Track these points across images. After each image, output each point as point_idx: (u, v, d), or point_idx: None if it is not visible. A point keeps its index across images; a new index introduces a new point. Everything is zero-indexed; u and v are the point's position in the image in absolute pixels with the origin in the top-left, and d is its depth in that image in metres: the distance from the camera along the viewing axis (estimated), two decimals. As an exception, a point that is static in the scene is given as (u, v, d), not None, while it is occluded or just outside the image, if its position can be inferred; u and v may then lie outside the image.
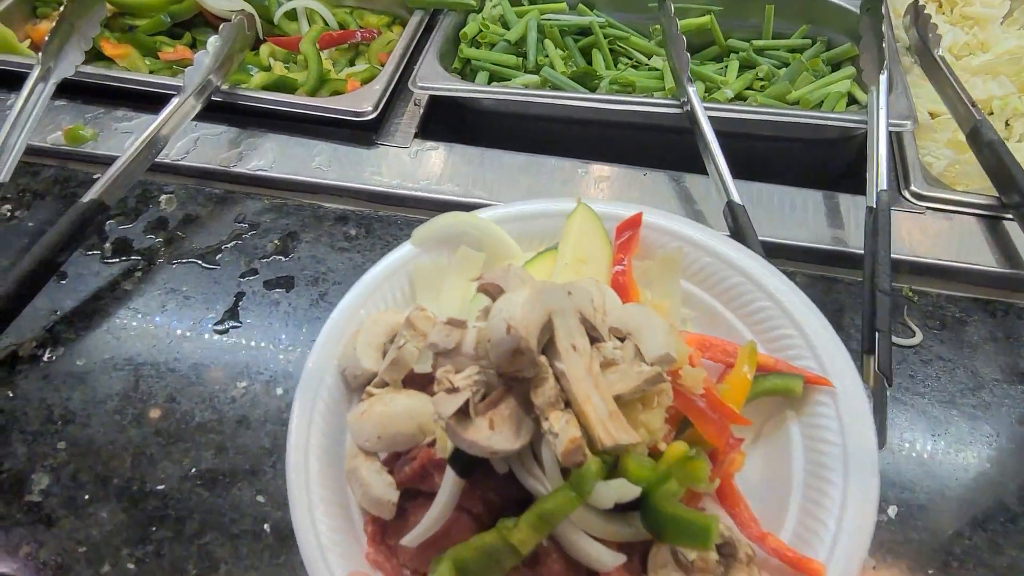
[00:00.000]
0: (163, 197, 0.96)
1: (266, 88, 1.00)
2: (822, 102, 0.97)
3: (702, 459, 0.48)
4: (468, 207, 0.83)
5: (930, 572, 0.65)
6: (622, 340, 0.53)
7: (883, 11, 0.90)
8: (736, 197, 0.81)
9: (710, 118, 0.86)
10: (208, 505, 0.70)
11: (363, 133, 0.99)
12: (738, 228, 0.80)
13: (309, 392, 0.59)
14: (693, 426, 0.53)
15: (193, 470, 0.73)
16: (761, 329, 0.62)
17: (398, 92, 1.02)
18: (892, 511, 0.70)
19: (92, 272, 0.89)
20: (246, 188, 0.97)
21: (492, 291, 0.51)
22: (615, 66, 1.12)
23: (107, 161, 0.87)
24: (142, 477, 0.72)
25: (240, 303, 0.85)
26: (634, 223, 0.65)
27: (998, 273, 0.85)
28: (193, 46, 1.18)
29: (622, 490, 0.46)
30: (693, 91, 0.88)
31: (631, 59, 1.14)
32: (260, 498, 0.71)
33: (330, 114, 0.95)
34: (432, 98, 1.02)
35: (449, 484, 0.49)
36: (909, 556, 0.66)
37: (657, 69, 1.10)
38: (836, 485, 0.53)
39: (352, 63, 1.12)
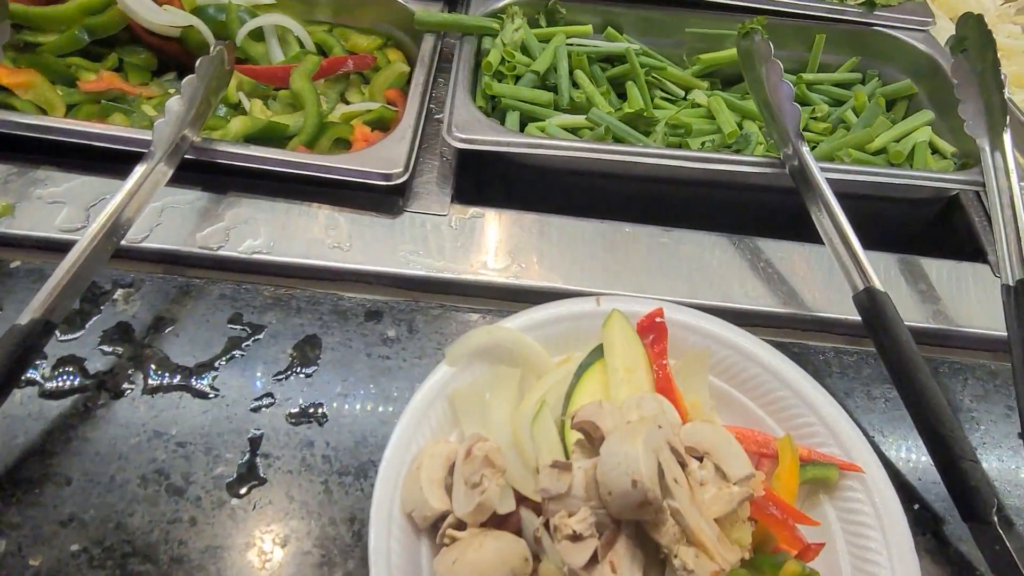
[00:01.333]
0: (119, 293, 0.71)
1: (250, 139, 0.76)
2: (911, 155, 0.87)
3: (817, 573, 0.51)
4: (538, 295, 0.67)
5: None
6: (700, 459, 0.55)
7: (989, 56, 0.79)
8: (877, 283, 0.68)
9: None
10: None
11: (387, 198, 0.77)
12: (883, 321, 0.67)
13: (382, 542, 0.54)
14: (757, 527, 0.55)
15: None
16: (783, 417, 0.65)
17: (422, 143, 0.82)
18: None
19: (26, 414, 0.63)
20: (235, 276, 0.73)
21: (589, 429, 0.52)
22: (651, 101, 0.96)
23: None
24: None
25: (259, 449, 0.63)
26: (654, 319, 0.66)
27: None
28: (120, 70, 0.91)
29: None
30: (806, 149, 0.74)
31: (665, 91, 0.99)
32: None
33: (351, 177, 0.73)
34: (463, 151, 0.82)
35: None
36: None
37: (700, 105, 0.96)
38: (883, 567, 0.56)
39: (344, 98, 0.89)
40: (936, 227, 0.89)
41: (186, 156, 0.72)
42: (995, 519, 0.61)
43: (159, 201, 0.74)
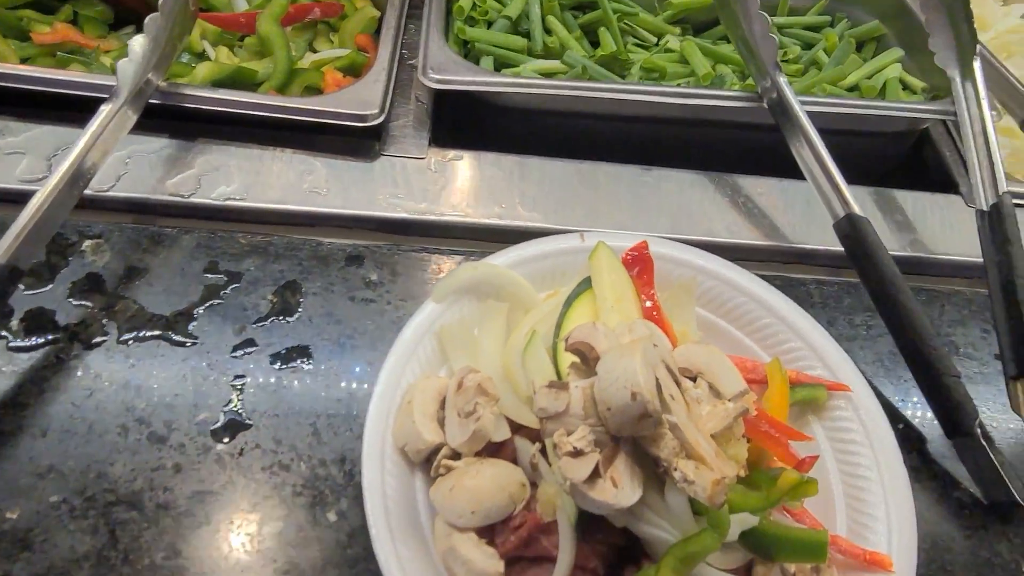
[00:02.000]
0: (87, 244, 0.68)
1: (218, 84, 0.74)
2: (883, 89, 0.87)
3: (815, 481, 0.51)
4: (521, 235, 0.66)
5: None
6: (693, 379, 0.56)
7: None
8: (857, 208, 0.68)
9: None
10: None
11: (364, 141, 0.75)
12: (863, 246, 0.68)
13: (376, 477, 0.53)
14: (752, 447, 0.55)
15: (236, 661, 0.50)
16: (769, 344, 0.65)
17: (397, 87, 0.80)
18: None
19: (-4, 366, 0.60)
20: (209, 224, 0.71)
21: (584, 350, 0.52)
22: (625, 47, 0.95)
23: None
24: None
25: (242, 394, 0.61)
26: (640, 252, 0.66)
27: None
28: (75, 22, 0.87)
29: (744, 521, 0.49)
30: (784, 80, 0.74)
31: (637, 38, 0.98)
32: None
33: (324, 119, 0.71)
34: (439, 93, 0.81)
35: (568, 545, 0.50)
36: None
37: (673, 51, 0.95)
38: (873, 480, 0.57)
39: (312, 47, 0.86)
40: (909, 162, 0.91)
41: (152, 102, 0.69)
42: (977, 432, 0.62)
43: (124, 149, 0.72)
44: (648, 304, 0.64)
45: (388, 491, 0.54)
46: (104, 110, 0.62)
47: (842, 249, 0.71)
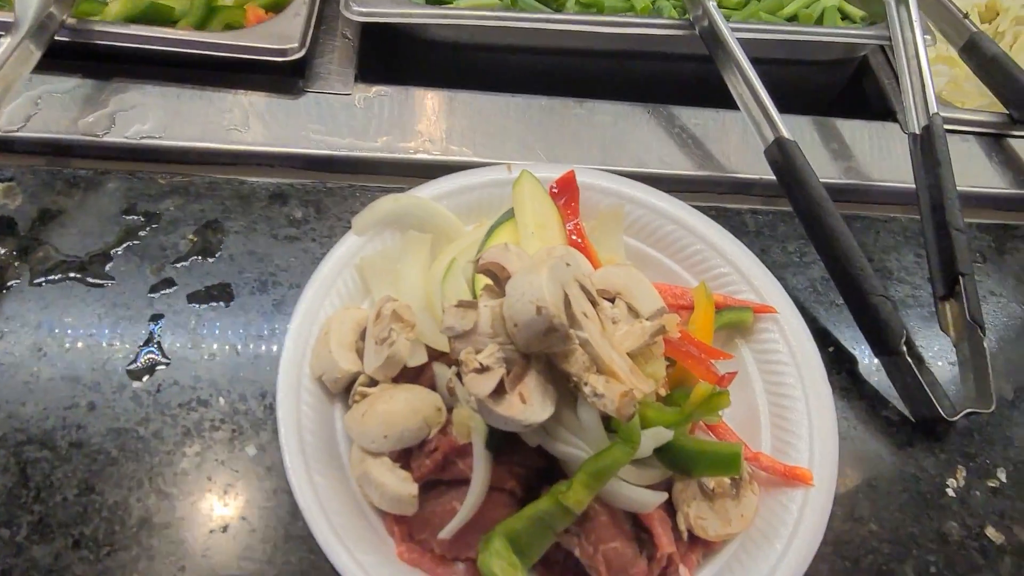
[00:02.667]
0: (-2, 187, 0.66)
1: (131, 20, 0.71)
2: (821, 18, 0.86)
3: (726, 393, 0.50)
4: (449, 170, 0.65)
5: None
6: (611, 300, 0.56)
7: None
8: (786, 132, 0.68)
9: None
10: (189, 640, 0.48)
11: (286, 78, 0.73)
12: (792, 169, 0.67)
13: (291, 407, 0.53)
14: (675, 368, 0.57)
15: (150, 591, 0.49)
16: (700, 270, 0.66)
17: (319, 23, 0.77)
18: (1001, 474, 0.63)
19: (-95, 311, 0.59)
20: (127, 165, 0.69)
21: (495, 271, 0.51)
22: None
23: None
24: (71, 619, 0.48)
25: (160, 331, 0.60)
26: (567, 182, 0.65)
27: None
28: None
29: (658, 436, 0.49)
30: (713, 6, 0.72)
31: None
32: (265, 609, 0.50)
33: (241, 54, 0.69)
34: (365, 29, 0.78)
35: (482, 466, 0.49)
36: None
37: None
38: (798, 399, 0.58)
39: (237, -15, 0.84)
40: (848, 91, 0.90)
41: (61, 39, 0.67)
42: (903, 350, 0.63)
43: (35, 89, 0.69)
44: (572, 231, 0.63)
45: (304, 421, 0.53)
46: (3, 43, 0.60)
47: (774, 177, 0.70)
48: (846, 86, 0.90)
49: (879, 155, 0.80)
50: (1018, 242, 0.79)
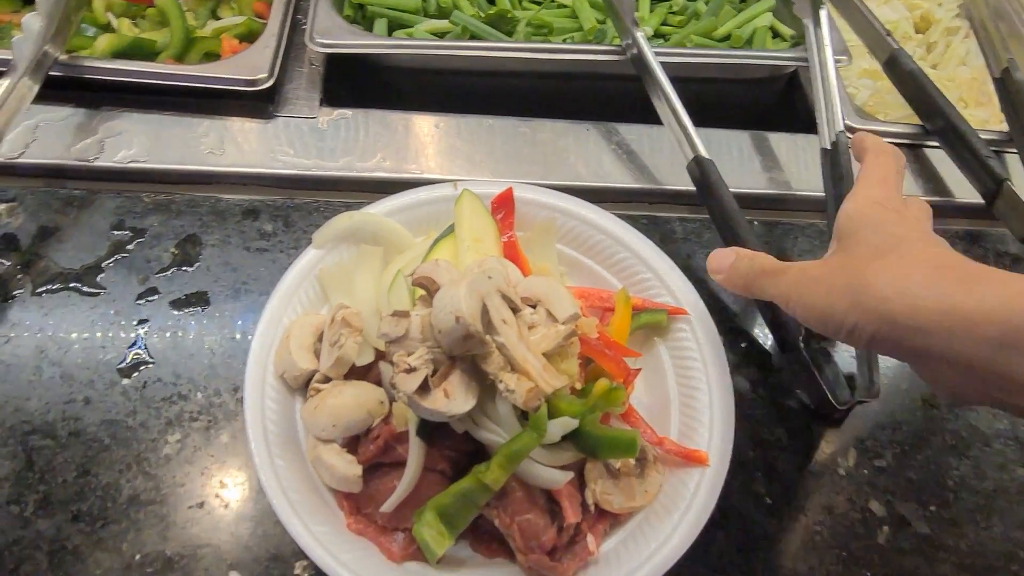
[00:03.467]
0: (2, 208, 0.75)
1: (118, 55, 0.79)
2: (751, 38, 0.94)
3: (622, 388, 0.60)
4: (404, 185, 0.73)
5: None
6: (534, 306, 0.63)
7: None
8: (704, 151, 0.76)
9: (664, 63, 0.79)
10: (170, 597, 0.57)
11: (257, 104, 0.82)
12: (708, 184, 0.75)
13: (256, 400, 0.61)
14: (594, 365, 0.64)
15: (137, 557, 0.58)
16: (624, 276, 0.73)
17: (288, 51, 0.85)
18: (888, 455, 0.71)
19: (-77, 319, 0.68)
20: (116, 185, 0.77)
21: (427, 284, 0.59)
22: (520, 3, 1.01)
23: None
24: (71, 580, 0.57)
25: (145, 334, 0.69)
26: (506, 198, 0.73)
27: (933, 202, 0.87)
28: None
29: (565, 424, 0.57)
30: (641, 35, 0.80)
31: (536, -6, 1.04)
32: (234, 574, 0.59)
33: (215, 85, 0.77)
34: (331, 56, 0.86)
35: (416, 450, 0.57)
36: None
37: (566, 5, 1.01)
38: (703, 390, 0.66)
39: (215, 14, 0.92)
40: (781, 103, 0.97)
41: (54, 73, 0.75)
42: (801, 346, 0.71)
43: (33, 119, 0.78)
44: (506, 243, 0.72)
45: (268, 413, 0.62)
46: (3, 84, 0.68)
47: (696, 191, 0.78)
48: (778, 99, 0.98)
49: (800, 166, 0.88)
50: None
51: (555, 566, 0.57)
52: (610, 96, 0.90)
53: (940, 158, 0.90)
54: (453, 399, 0.55)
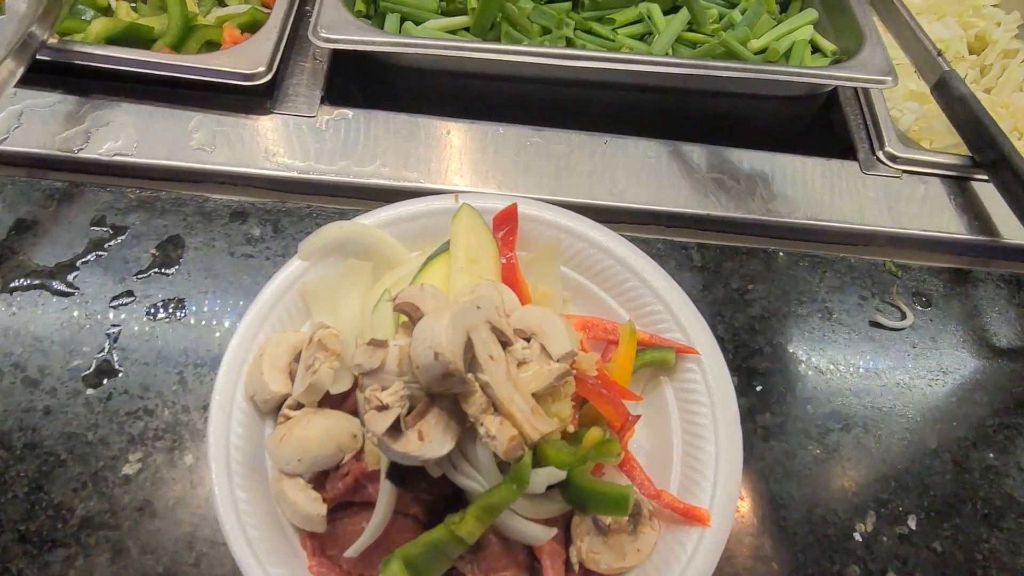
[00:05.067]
0: (-21, 196, 0.71)
1: (112, 41, 0.75)
2: (789, 52, 0.87)
3: (615, 441, 0.55)
4: (403, 195, 0.68)
5: None
6: (527, 339, 0.58)
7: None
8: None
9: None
10: (113, 634, 0.53)
11: (254, 99, 0.77)
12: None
13: (222, 424, 0.57)
14: (589, 406, 0.59)
15: (84, 586, 0.54)
16: (633, 307, 0.67)
17: (292, 44, 0.81)
18: (912, 521, 0.65)
19: None
20: (100, 179, 0.73)
21: (409, 310, 0.54)
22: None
23: None
24: (10, 608, 0.53)
25: (116, 342, 0.65)
26: (510, 215, 0.67)
27: (978, 242, 0.81)
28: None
29: (551, 475, 0.52)
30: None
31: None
32: (185, 612, 0.54)
33: (209, 77, 0.73)
34: (335, 53, 0.81)
35: (386, 493, 0.52)
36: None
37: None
38: (709, 440, 0.60)
39: (221, 1, 0.87)
40: (815, 126, 0.90)
41: (43, 58, 0.71)
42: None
43: (18, 104, 0.74)
44: (505, 264, 0.66)
45: (233, 438, 0.57)
46: (-19, 66, 0.64)
47: (725, 214, 0.72)
48: (814, 119, 0.91)
49: (834, 194, 0.81)
50: (968, 287, 0.79)
51: (530, 631, 0.52)
52: (632, 108, 0.84)
53: (988, 192, 0.82)
54: (428, 441, 0.50)
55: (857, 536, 0.64)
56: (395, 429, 0.49)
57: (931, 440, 0.69)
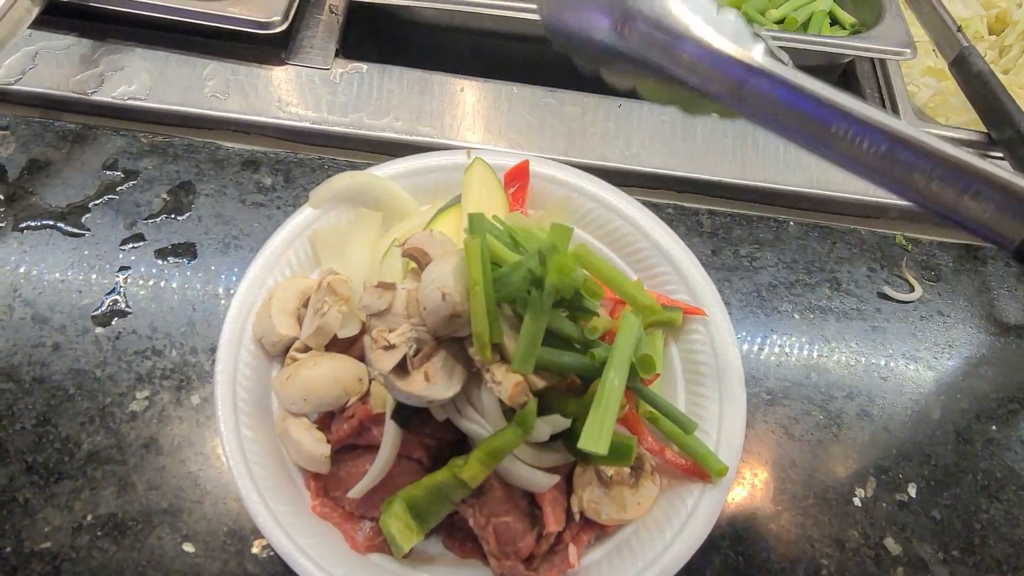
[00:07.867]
0: (-7, 135, 0.71)
1: (128, -15, 0.75)
2: (808, 22, 0.86)
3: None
4: (415, 149, 0.68)
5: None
6: None
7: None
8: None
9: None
10: (117, 563, 0.53)
11: (269, 49, 0.77)
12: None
13: (229, 364, 0.57)
14: None
15: (89, 518, 0.55)
16: (642, 268, 0.68)
17: (308, -6, 0.80)
18: (912, 489, 0.65)
19: (-101, 245, 0.64)
20: (114, 122, 0.73)
21: (418, 255, 0.54)
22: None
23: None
24: (17, 534, 0.54)
25: (126, 282, 0.65)
26: (521, 171, 0.67)
27: (990, 217, 0.80)
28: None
29: (556, 423, 0.52)
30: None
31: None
32: (187, 547, 0.55)
33: (224, 24, 0.72)
34: (352, 5, 0.81)
35: (391, 435, 0.52)
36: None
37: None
38: (712, 399, 0.60)
39: (238, -47, 0.87)
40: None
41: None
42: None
43: (33, 46, 0.74)
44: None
45: (241, 378, 0.57)
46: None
47: (737, 180, 0.72)
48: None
49: (847, 166, 0.81)
50: (977, 264, 0.79)
51: (530, 575, 0.53)
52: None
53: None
54: (434, 383, 0.50)
55: (857, 501, 0.64)
56: (401, 368, 0.50)
57: (934, 411, 0.69)
